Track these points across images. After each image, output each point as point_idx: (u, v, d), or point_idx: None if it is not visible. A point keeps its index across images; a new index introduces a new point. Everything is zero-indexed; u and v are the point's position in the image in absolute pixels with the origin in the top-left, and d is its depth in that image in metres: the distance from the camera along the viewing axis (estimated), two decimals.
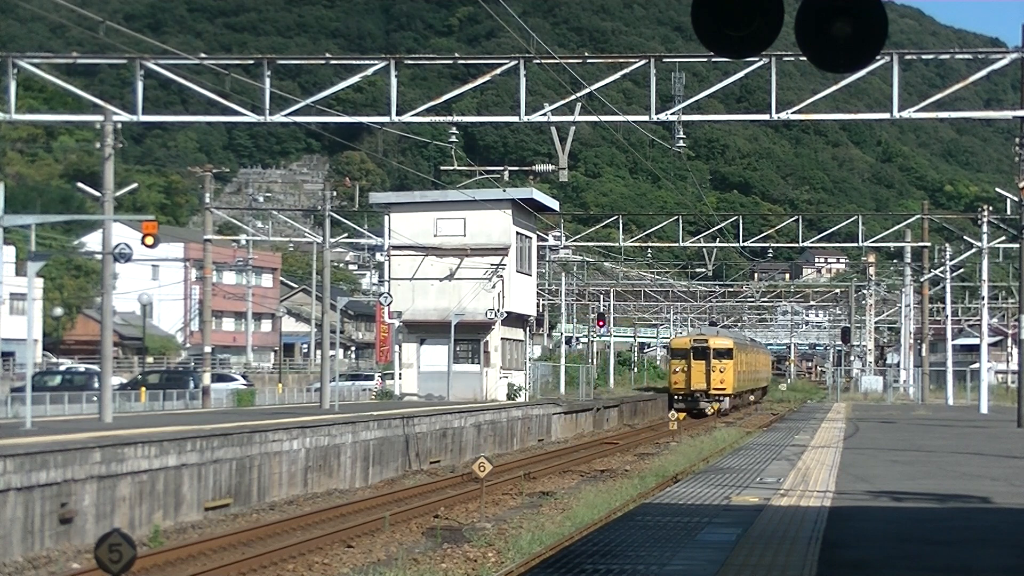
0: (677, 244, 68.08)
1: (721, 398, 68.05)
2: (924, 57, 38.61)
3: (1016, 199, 42.68)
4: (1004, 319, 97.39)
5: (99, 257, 34.33)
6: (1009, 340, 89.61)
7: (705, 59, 37.04)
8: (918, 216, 67.11)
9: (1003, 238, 56.12)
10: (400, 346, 52.13)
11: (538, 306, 68.04)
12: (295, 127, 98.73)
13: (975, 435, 35.11)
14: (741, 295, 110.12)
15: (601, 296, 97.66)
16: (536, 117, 32.03)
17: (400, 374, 51.74)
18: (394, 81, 30.71)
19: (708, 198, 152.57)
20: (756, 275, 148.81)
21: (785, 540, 13.35)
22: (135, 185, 39.05)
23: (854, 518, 15.37)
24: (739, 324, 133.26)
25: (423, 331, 51.26)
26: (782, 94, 30.52)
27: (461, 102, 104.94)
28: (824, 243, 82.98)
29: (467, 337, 50.81)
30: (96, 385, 43.80)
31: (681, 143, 33.78)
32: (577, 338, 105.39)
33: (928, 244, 68.11)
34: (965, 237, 59.94)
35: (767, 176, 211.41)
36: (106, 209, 30.21)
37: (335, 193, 52.96)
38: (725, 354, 68.16)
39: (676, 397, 68.06)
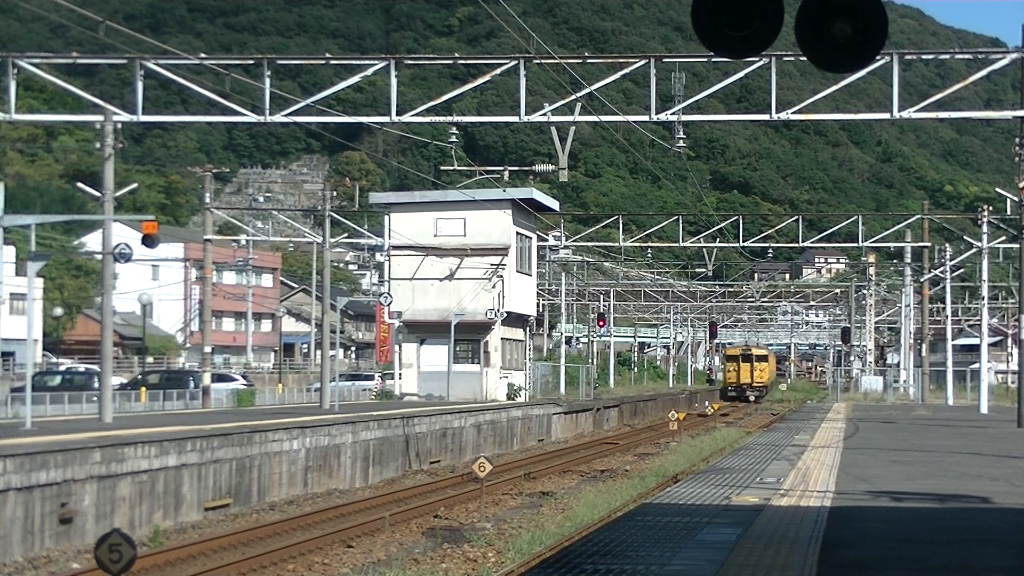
0: (677, 244, 68.07)
1: (760, 389, 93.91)
2: (924, 57, 38.65)
3: (1016, 199, 42.68)
4: (1004, 319, 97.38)
5: (99, 257, 34.33)
6: (1009, 340, 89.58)
7: (705, 59, 37.03)
8: (918, 216, 67.06)
9: (1003, 238, 56.11)
10: (400, 346, 52.14)
11: (538, 306, 68.08)
12: (295, 127, 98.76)
13: (975, 435, 35.11)
14: (741, 295, 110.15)
15: (601, 296, 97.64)
16: (536, 117, 32.04)
17: (400, 374, 51.74)
18: (394, 81, 30.71)
19: (708, 198, 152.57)
20: (756, 275, 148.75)
21: (785, 540, 13.35)
22: (135, 185, 39.01)
23: (854, 518, 15.36)
24: (739, 324, 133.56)
25: (423, 331, 51.26)
26: (782, 94, 30.52)
27: (461, 102, 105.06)
28: (824, 243, 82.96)
29: (467, 337, 50.80)
30: (96, 385, 43.80)
31: (681, 143, 33.78)
32: (577, 338, 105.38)
33: (928, 244, 68.06)
34: (965, 237, 59.92)
35: (767, 176, 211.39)
36: (106, 209, 30.21)
37: (335, 193, 52.98)
38: (763, 358, 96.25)
39: (729, 389, 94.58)
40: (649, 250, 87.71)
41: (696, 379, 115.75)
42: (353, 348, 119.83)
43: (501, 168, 45.49)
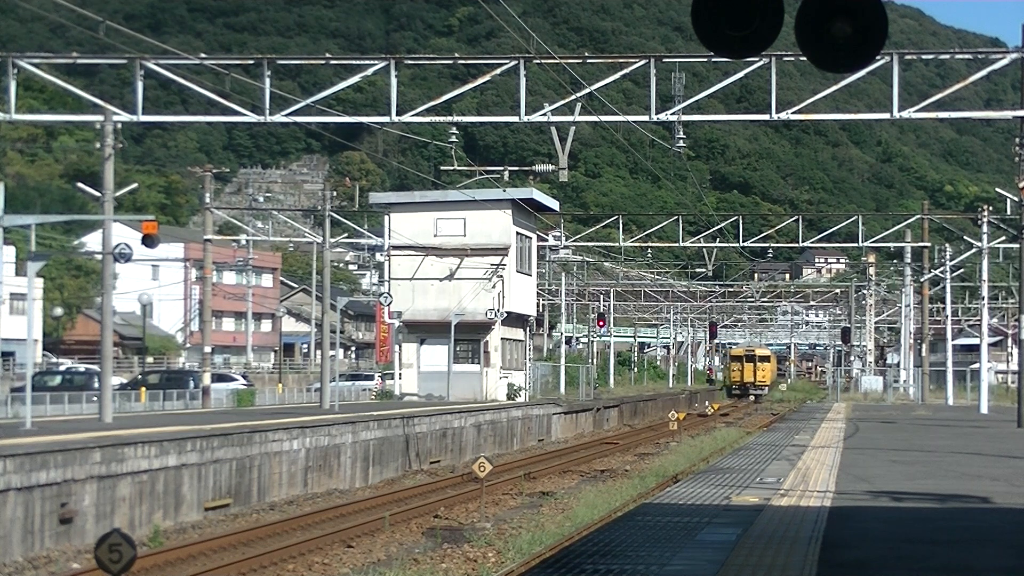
0: (677, 244, 68.05)
1: (762, 387, 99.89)
2: (924, 57, 38.66)
3: (1016, 199, 42.68)
4: (1004, 319, 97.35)
5: (99, 257, 34.34)
6: (1009, 340, 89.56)
7: (705, 59, 37.04)
8: (918, 216, 67.04)
9: (1003, 238, 56.09)
10: (400, 346, 52.14)
11: (538, 306, 68.05)
12: (295, 127, 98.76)
13: (975, 435, 35.11)
14: (741, 295, 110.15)
15: (601, 296, 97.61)
16: (536, 117, 32.03)
17: (400, 374, 51.74)
18: (394, 81, 30.71)
19: (708, 198, 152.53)
20: (756, 275, 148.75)
21: (785, 540, 13.35)
22: (135, 185, 39.01)
23: (854, 518, 15.36)
24: (739, 324, 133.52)
25: (423, 331, 51.26)
26: (782, 94, 30.51)
27: (461, 102, 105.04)
28: (824, 243, 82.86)
29: (467, 337, 50.80)
30: (96, 385, 43.80)
31: (681, 143, 33.78)
32: (577, 338, 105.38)
33: (928, 244, 68.03)
34: (965, 237, 59.90)
35: (767, 176, 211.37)
36: (106, 209, 30.21)
37: (335, 193, 52.97)
38: (765, 359, 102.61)
39: (733, 387, 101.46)
40: (649, 250, 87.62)
41: (696, 379, 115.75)
42: (353, 348, 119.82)
43: (501, 168, 45.49)
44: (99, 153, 30.94)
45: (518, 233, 52.59)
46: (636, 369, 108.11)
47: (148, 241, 29.18)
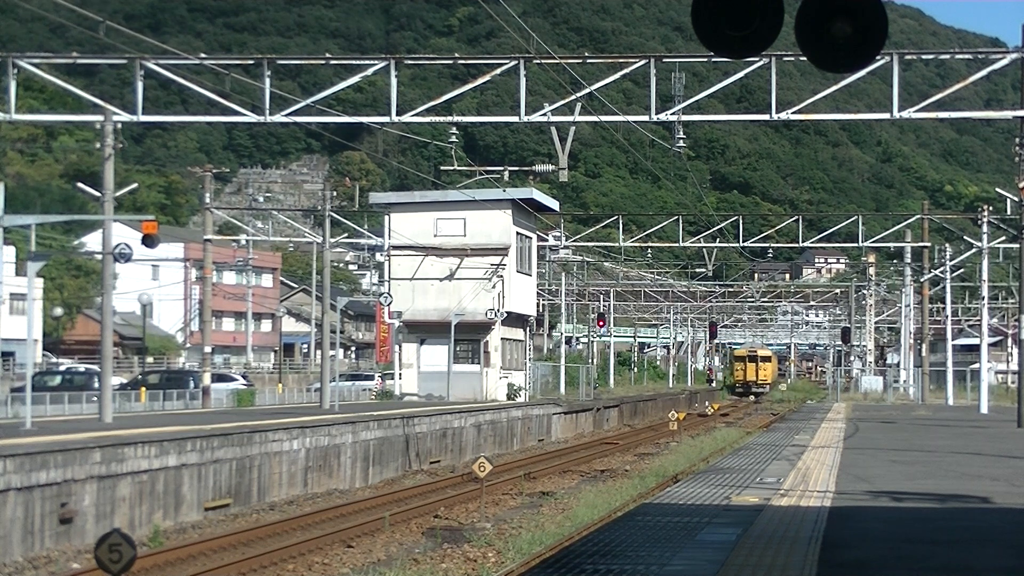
0: (677, 244, 68.06)
1: (763, 386, 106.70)
2: (924, 57, 38.66)
3: (1016, 199, 42.68)
4: (1004, 319, 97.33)
5: (99, 257, 34.34)
6: (1009, 340, 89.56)
7: (705, 59, 37.04)
8: (918, 216, 67.02)
9: (1003, 238, 56.10)
10: (400, 346, 52.14)
11: (538, 306, 68.06)
12: (295, 127, 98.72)
13: (975, 435, 35.11)
14: (741, 295, 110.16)
15: (601, 296, 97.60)
16: (536, 117, 32.03)
17: (400, 374, 51.74)
18: (394, 81, 30.71)
19: (708, 198, 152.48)
20: (756, 275, 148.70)
21: (785, 540, 13.35)
22: (135, 185, 39.01)
23: (854, 518, 15.36)
24: (739, 324, 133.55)
25: (423, 331, 51.26)
26: (782, 94, 30.51)
27: (461, 102, 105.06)
28: (824, 243, 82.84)
29: (467, 337, 50.80)
30: (96, 385, 43.80)
31: (681, 143, 33.76)
32: (577, 338, 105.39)
33: (928, 244, 68.01)
34: (965, 237, 59.90)
35: (767, 176, 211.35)
36: (106, 209, 30.21)
37: (335, 193, 52.97)
38: (767, 359, 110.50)
39: (736, 386, 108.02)
40: (649, 250, 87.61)
41: (696, 379, 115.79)
42: (353, 348, 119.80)
43: (501, 168, 45.46)
44: (99, 153, 30.93)
45: (518, 233, 52.59)
46: (636, 369, 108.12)
47: (148, 241, 29.19)
